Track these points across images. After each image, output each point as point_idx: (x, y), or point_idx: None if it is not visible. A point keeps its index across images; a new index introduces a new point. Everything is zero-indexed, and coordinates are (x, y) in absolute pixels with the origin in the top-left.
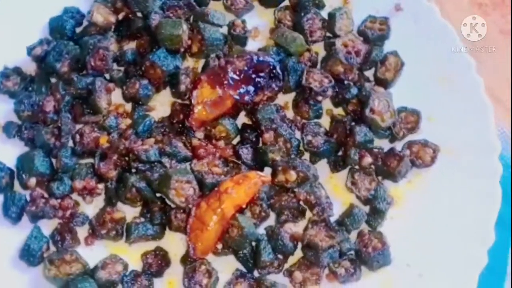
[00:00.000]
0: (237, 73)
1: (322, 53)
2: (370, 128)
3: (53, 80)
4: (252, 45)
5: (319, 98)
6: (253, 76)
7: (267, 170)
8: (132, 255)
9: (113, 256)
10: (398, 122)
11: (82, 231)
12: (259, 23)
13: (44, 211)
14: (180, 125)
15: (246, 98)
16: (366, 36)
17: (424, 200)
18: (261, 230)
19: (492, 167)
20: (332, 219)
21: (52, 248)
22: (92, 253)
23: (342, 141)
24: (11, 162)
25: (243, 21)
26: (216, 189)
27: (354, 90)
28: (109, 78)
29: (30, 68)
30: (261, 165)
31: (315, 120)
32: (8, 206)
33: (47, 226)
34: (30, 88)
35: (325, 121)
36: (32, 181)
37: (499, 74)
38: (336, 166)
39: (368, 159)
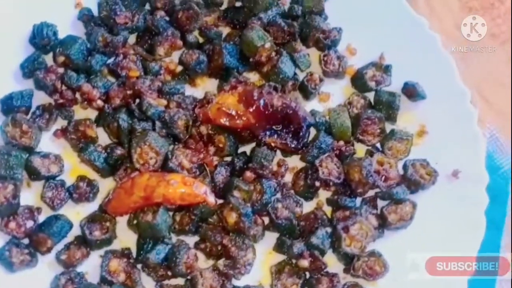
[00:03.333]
0: (268, 107)
1: (360, 154)
2: (333, 242)
3: (146, 7)
4: (313, 105)
5: (317, 184)
6: (279, 120)
7: None
8: (74, 170)
9: (58, 156)
10: (364, 261)
11: (59, 124)
12: (336, 94)
13: (46, 84)
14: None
15: (259, 132)
16: (406, 171)
17: None
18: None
19: None
20: (235, 282)
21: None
22: (49, 144)
23: (302, 234)
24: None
25: (321, 80)
26: (165, 173)
27: (351, 203)
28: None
29: None
30: (223, 192)
31: (299, 198)
32: (29, 61)
33: (40, 102)
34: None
35: (309, 206)
36: (61, 58)
37: (488, 76)
38: (280, 247)
39: (305, 263)
